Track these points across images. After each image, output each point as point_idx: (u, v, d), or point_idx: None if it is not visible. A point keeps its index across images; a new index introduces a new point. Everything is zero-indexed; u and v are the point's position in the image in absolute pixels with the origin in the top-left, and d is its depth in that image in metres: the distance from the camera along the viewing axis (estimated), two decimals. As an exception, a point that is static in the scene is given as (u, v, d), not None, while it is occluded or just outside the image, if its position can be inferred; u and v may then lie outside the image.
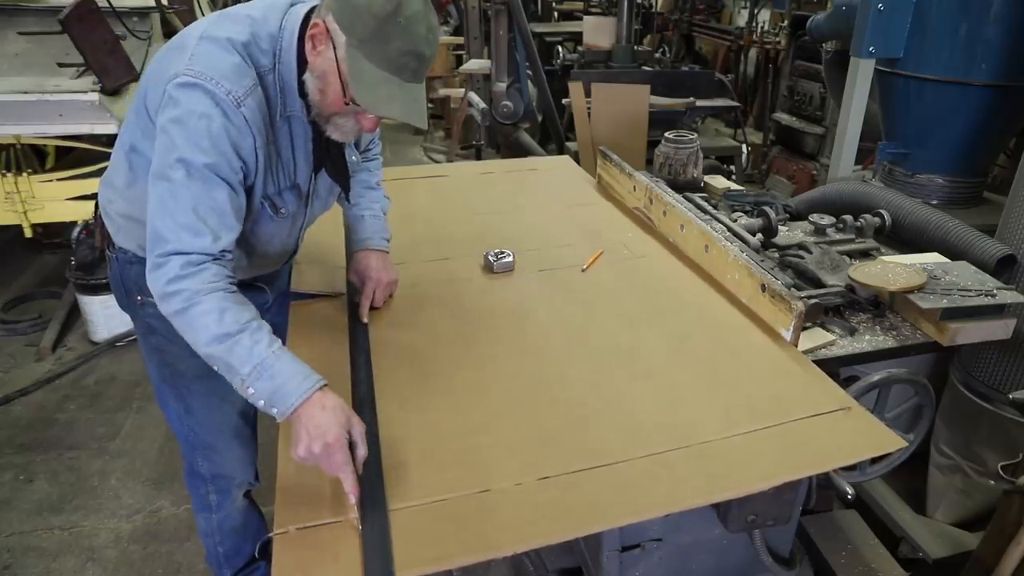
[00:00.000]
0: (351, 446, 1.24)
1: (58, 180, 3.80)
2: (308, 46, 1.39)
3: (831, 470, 1.37)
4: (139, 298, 1.70)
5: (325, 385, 1.30)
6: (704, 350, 1.66)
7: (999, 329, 1.79)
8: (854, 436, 1.35)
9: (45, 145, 4.26)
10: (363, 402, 1.46)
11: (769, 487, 1.25)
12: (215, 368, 1.36)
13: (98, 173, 3.82)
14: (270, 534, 1.17)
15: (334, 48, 1.34)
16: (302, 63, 1.42)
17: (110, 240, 1.71)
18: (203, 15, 4.23)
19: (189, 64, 1.35)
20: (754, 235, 2.15)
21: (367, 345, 1.67)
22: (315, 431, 1.24)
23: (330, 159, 1.61)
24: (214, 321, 1.32)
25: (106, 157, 3.86)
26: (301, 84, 1.43)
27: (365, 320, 1.74)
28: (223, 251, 1.39)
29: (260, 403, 1.31)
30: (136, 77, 3.54)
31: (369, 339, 1.70)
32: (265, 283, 1.85)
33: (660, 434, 1.37)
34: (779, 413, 1.41)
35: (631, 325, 1.78)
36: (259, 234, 1.61)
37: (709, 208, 2.28)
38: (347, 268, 1.88)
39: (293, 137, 1.52)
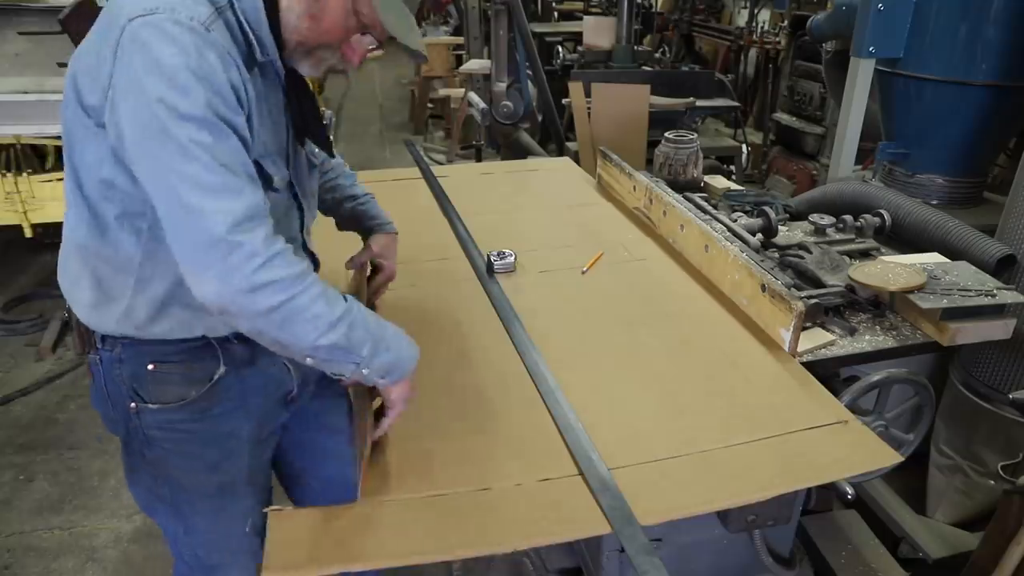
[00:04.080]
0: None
1: (58, 180, 3.80)
2: None
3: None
4: (134, 405, 1.34)
5: None
6: (703, 358, 1.66)
7: (999, 329, 1.79)
8: (851, 449, 1.35)
9: (45, 145, 4.26)
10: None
11: (767, 498, 1.25)
12: (315, 362, 1.20)
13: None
14: (266, 509, 1.16)
15: None
16: None
17: (90, 339, 1.35)
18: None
19: (131, 9, 1.10)
20: (754, 235, 2.15)
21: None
22: (411, 388, 1.33)
23: (308, 119, 1.38)
24: (325, 304, 1.15)
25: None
26: (274, 16, 1.19)
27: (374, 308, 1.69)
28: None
29: (371, 378, 1.25)
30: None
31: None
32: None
33: (659, 441, 1.37)
34: (777, 424, 1.41)
35: (631, 330, 1.78)
36: None
37: (709, 208, 2.28)
38: (367, 242, 1.74)
39: (267, 95, 1.27)
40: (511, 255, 2.05)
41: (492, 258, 2.03)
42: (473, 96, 5.17)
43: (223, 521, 1.47)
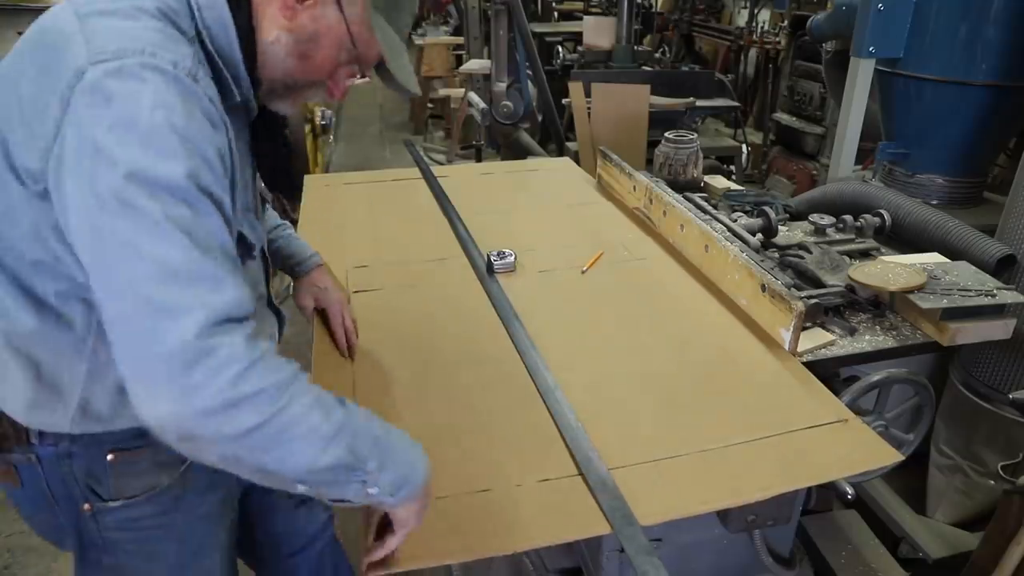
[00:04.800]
0: None
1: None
2: (275, 1, 1.04)
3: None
4: (88, 506, 1.13)
5: None
6: (702, 357, 1.66)
7: (999, 329, 1.79)
8: (852, 448, 1.35)
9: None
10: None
11: (767, 497, 1.25)
12: (308, 488, 0.93)
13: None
14: None
15: (340, 6, 1.05)
16: (241, 25, 1.03)
17: (25, 437, 1.09)
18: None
19: (90, 49, 0.88)
20: (754, 235, 2.15)
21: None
22: (428, 496, 1.06)
23: (282, 165, 1.24)
24: (321, 413, 0.90)
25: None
26: (248, 48, 1.04)
27: (352, 355, 1.58)
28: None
29: (379, 497, 0.97)
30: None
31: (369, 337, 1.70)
32: None
33: (659, 441, 1.37)
34: (777, 423, 1.41)
35: (630, 329, 1.77)
36: None
37: (709, 208, 2.28)
38: (296, 294, 1.65)
39: (238, 141, 1.08)
40: (511, 255, 2.05)
41: (492, 258, 2.03)
42: (473, 96, 5.17)
43: None
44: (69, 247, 0.94)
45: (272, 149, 1.20)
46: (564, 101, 4.49)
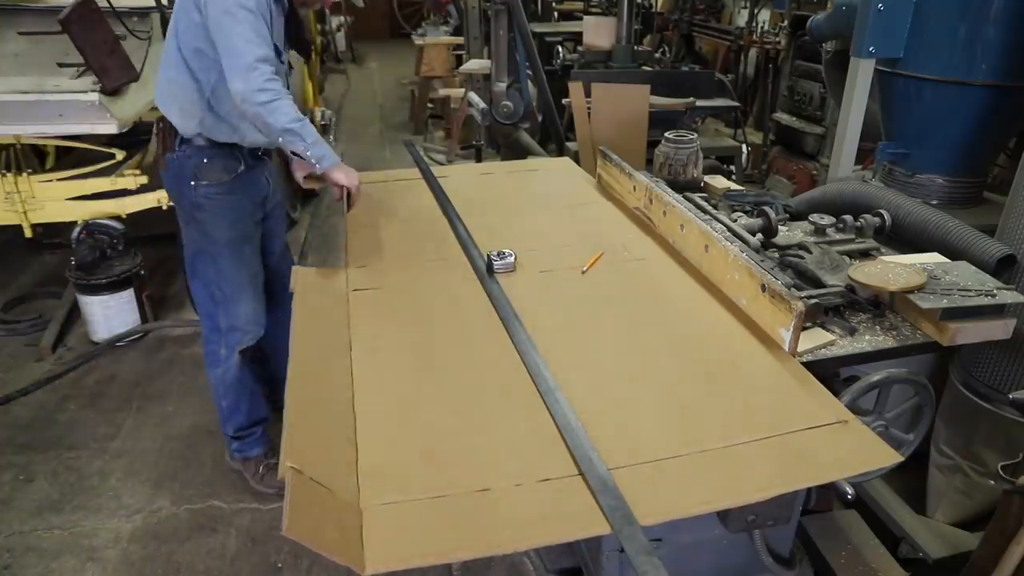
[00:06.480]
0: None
1: (58, 180, 3.80)
2: None
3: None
4: (193, 183, 2.39)
5: None
6: (702, 357, 1.66)
7: (999, 329, 1.79)
8: (851, 449, 1.35)
9: (45, 145, 4.25)
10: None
11: (766, 498, 1.25)
12: (285, 142, 2.19)
13: (98, 173, 3.84)
14: (290, 466, 1.18)
15: None
16: None
17: (172, 142, 2.37)
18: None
19: None
20: (754, 235, 2.15)
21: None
22: (347, 173, 2.33)
23: (299, 36, 2.52)
24: (293, 108, 2.17)
25: (106, 157, 3.87)
26: None
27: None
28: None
29: (313, 160, 2.23)
30: (136, 77, 3.54)
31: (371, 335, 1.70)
32: (268, 174, 2.64)
33: (659, 441, 1.37)
34: (777, 424, 1.41)
35: (631, 330, 1.78)
36: None
37: (709, 208, 2.28)
38: (294, 172, 2.52)
39: (278, 17, 2.30)
40: (511, 255, 2.05)
41: (492, 258, 2.03)
42: (473, 96, 5.17)
43: (236, 262, 2.52)
44: (207, 44, 2.19)
45: (295, 28, 2.44)
46: (564, 101, 4.48)
